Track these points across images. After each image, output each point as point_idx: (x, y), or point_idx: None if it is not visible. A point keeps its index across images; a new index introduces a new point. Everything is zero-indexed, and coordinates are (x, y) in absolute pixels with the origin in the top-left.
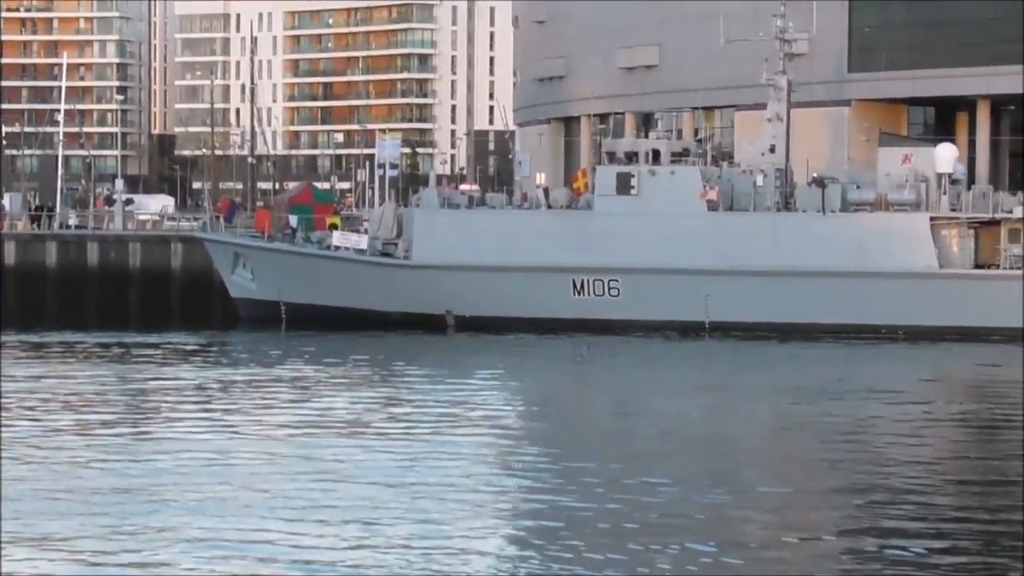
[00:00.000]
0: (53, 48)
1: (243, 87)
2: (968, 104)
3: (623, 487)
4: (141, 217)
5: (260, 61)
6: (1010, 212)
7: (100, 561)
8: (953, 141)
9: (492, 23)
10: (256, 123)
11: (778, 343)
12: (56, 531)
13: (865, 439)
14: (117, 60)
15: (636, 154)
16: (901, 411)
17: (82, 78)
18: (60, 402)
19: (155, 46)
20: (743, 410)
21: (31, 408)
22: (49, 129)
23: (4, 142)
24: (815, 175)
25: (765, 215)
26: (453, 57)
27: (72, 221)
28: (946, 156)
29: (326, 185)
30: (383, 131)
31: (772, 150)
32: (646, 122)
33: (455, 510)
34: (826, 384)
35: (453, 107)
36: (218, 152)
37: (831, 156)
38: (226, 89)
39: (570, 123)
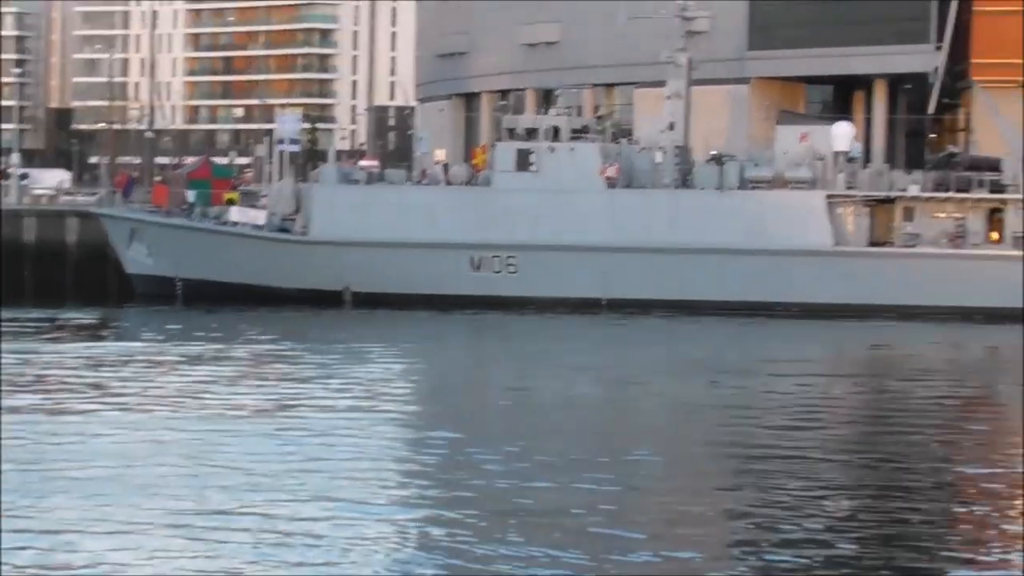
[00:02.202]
0: None
1: (142, 61)
2: (865, 83)
3: (511, 471)
4: (37, 191)
5: (160, 35)
6: (905, 191)
7: None
8: (850, 119)
9: None
10: (155, 97)
11: (675, 320)
12: None
13: (754, 414)
14: (15, 32)
15: (536, 131)
16: (792, 386)
17: None
18: None
19: (54, 19)
20: (633, 386)
21: None
22: None
23: None
24: (714, 153)
25: (664, 192)
26: (355, 32)
27: None
28: (843, 134)
29: (225, 160)
30: (283, 106)
31: (671, 128)
32: (547, 99)
33: (341, 487)
34: (717, 360)
35: (354, 82)
36: (116, 126)
37: (730, 134)
38: (125, 63)
39: (471, 99)
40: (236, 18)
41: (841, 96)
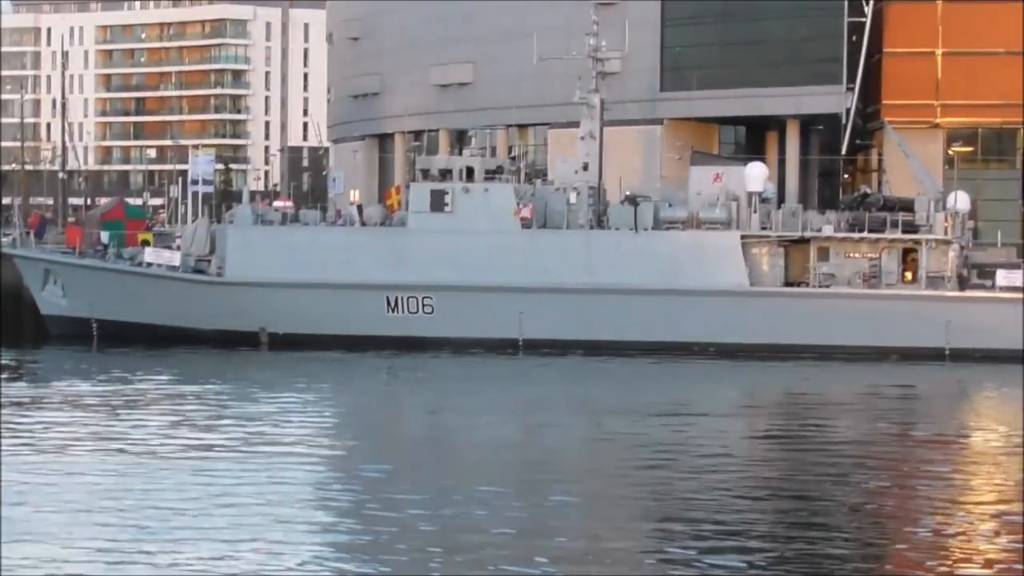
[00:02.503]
0: None
1: (54, 101)
2: (778, 124)
3: (424, 502)
4: None
5: (71, 75)
6: (819, 231)
7: None
8: (763, 160)
9: (306, 39)
10: (67, 138)
11: (590, 360)
12: None
13: (669, 456)
14: None
15: (450, 171)
16: (707, 427)
17: None
18: None
19: None
20: (550, 426)
21: None
22: None
23: None
24: (628, 193)
25: (578, 233)
26: (267, 73)
27: None
28: (756, 175)
29: (138, 201)
30: (196, 147)
31: (585, 168)
32: (460, 139)
33: (251, 526)
34: (631, 402)
35: (267, 123)
36: (28, 167)
37: (644, 174)
38: (37, 103)
39: (384, 140)
40: (147, 58)
41: (754, 136)
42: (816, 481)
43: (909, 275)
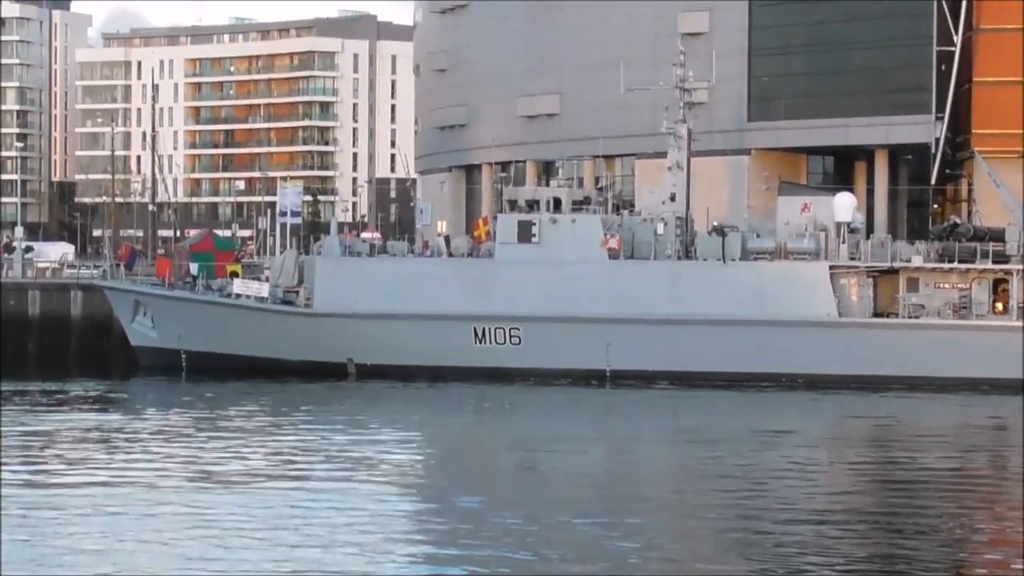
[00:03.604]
0: None
1: (144, 134)
2: (867, 153)
3: (523, 533)
4: (41, 265)
5: (161, 108)
6: (908, 261)
7: None
8: (852, 190)
9: (394, 71)
10: (157, 170)
11: (678, 391)
12: None
13: (759, 485)
14: (17, 107)
15: (537, 202)
16: (798, 456)
17: None
18: None
19: (55, 93)
20: (641, 457)
21: None
22: None
23: None
24: (715, 223)
25: (666, 263)
26: (355, 105)
27: None
28: (845, 205)
29: (227, 233)
30: (284, 179)
31: (673, 198)
32: (547, 170)
33: (346, 558)
34: (723, 431)
35: (355, 155)
36: (119, 199)
37: (731, 204)
38: (127, 136)
39: (471, 171)
40: (236, 91)
41: (842, 166)
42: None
43: (1000, 306)
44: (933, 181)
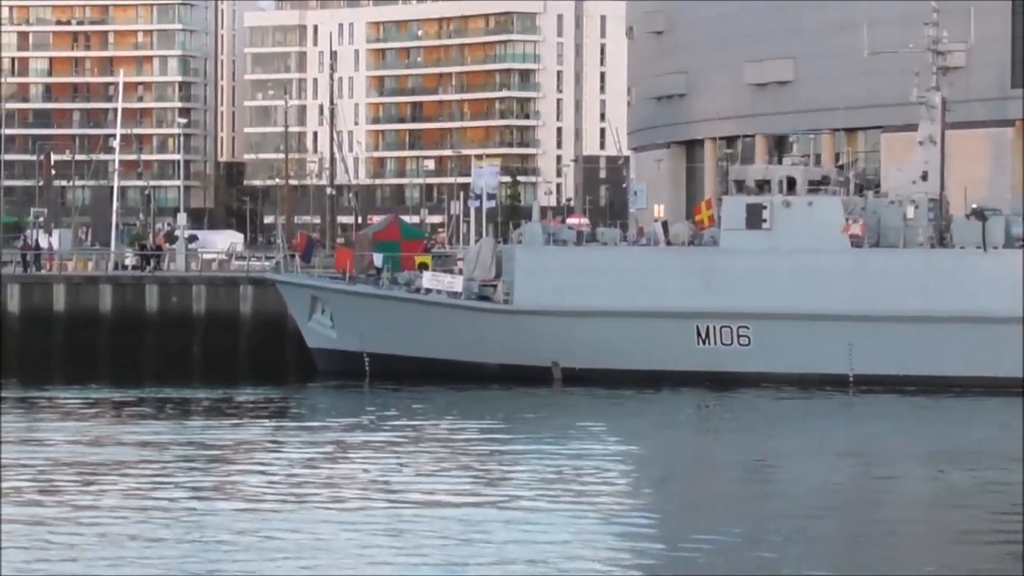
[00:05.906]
0: (108, 65)
1: (321, 108)
2: None
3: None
4: (206, 256)
5: (340, 78)
6: None
7: None
8: None
9: (603, 34)
10: (336, 149)
11: (933, 399)
12: None
13: None
14: (179, 78)
15: (768, 182)
16: None
17: (140, 99)
18: (110, 467)
19: (222, 62)
20: (891, 478)
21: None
22: (103, 157)
23: (54, 171)
24: (974, 206)
25: (917, 252)
26: (559, 73)
27: (129, 261)
28: None
29: (415, 219)
30: (479, 157)
31: (924, 177)
32: (779, 146)
33: None
34: (987, 448)
35: (559, 130)
36: (293, 182)
37: (992, 184)
38: (302, 110)
39: (692, 147)
40: (424, 58)
41: None
42: None
43: None
44: None
